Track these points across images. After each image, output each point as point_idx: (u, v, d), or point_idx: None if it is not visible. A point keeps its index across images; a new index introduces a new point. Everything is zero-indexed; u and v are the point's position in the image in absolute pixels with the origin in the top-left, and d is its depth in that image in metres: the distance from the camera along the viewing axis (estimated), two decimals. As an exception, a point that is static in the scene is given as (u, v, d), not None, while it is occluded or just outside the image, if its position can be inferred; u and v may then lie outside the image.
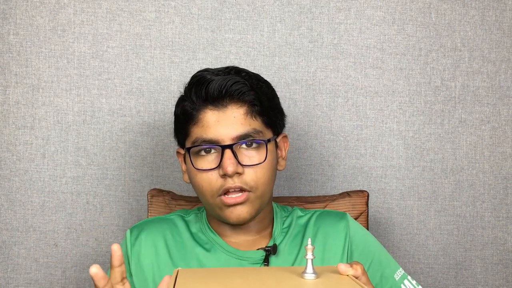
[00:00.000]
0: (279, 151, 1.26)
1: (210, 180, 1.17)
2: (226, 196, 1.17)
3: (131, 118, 1.63)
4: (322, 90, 1.66)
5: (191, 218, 1.28)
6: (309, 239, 0.91)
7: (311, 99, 1.66)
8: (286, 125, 1.31)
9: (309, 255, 0.89)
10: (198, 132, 1.19)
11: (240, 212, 1.17)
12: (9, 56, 1.60)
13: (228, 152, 1.16)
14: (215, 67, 1.26)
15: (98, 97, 1.62)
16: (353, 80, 1.67)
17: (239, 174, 1.16)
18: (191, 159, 1.19)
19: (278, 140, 1.26)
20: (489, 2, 1.69)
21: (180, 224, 1.26)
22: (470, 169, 1.69)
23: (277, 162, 1.25)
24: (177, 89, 1.62)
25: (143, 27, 1.63)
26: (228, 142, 1.17)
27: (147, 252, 1.23)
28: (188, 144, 1.21)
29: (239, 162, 1.16)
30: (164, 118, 1.62)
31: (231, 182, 1.16)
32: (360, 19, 1.67)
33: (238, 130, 1.18)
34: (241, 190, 1.17)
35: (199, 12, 1.64)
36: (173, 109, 1.29)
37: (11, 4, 1.60)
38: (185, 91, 1.24)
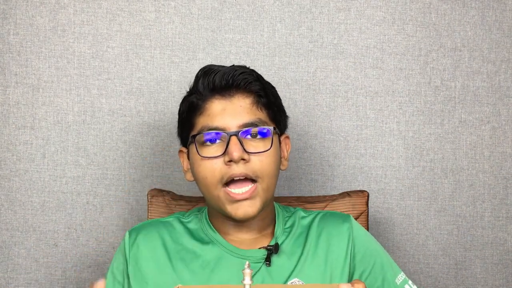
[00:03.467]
0: (281, 151, 1.26)
1: (214, 169, 1.17)
2: (232, 190, 1.17)
3: (131, 118, 1.63)
4: (322, 90, 1.66)
5: (190, 219, 1.27)
6: (247, 262, 0.85)
7: (311, 99, 1.66)
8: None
9: (247, 280, 0.83)
10: (204, 121, 1.20)
11: (248, 208, 1.17)
12: (9, 56, 1.60)
13: (234, 139, 1.16)
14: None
15: (98, 97, 1.62)
16: (353, 80, 1.67)
17: (244, 161, 1.16)
18: (197, 147, 1.19)
19: (281, 139, 1.26)
20: (489, 2, 1.69)
21: (179, 226, 1.26)
22: (470, 169, 1.69)
23: (280, 162, 1.25)
24: (177, 89, 1.62)
25: (143, 27, 1.63)
26: (234, 130, 1.17)
27: (145, 255, 1.22)
28: (193, 134, 1.21)
29: (244, 150, 1.16)
30: (164, 118, 1.62)
31: (237, 169, 1.16)
32: (360, 19, 1.67)
33: (244, 118, 1.18)
34: (246, 178, 1.17)
35: (199, 12, 1.64)
36: (173, 109, 1.30)
37: (11, 4, 1.60)
38: (191, 87, 1.25)
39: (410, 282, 1.25)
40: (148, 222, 1.29)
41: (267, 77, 1.66)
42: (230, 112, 1.19)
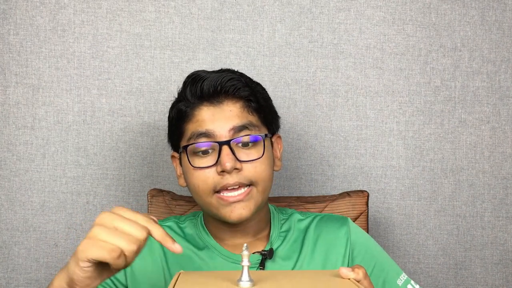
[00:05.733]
0: (274, 152, 1.25)
1: (206, 178, 1.15)
2: (225, 194, 1.15)
3: (131, 118, 1.63)
4: (322, 90, 1.66)
5: (186, 224, 1.26)
6: (245, 245, 0.88)
7: (311, 99, 1.66)
8: (285, 126, 1.31)
9: (245, 262, 0.86)
10: (193, 127, 1.18)
11: (242, 211, 1.15)
12: (9, 56, 1.60)
13: (225, 149, 1.14)
14: (214, 69, 1.26)
15: (98, 97, 1.62)
16: (353, 80, 1.67)
17: (237, 170, 1.14)
18: (188, 157, 1.17)
19: (273, 140, 1.25)
20: (489, 2, 1.69)
21: (176, 230, 1.25)
22: (470, 169, 1.69)
23: (274, 163, 1.24)
24: (177, 89, 1.61)
25: (143, 27, 1.63)
26: (224, 135, 1.15)
27: (144, 258, 1.20)
28: (183, 143, 1.20)
29: (237, 159, 1.14)
30: (164, 118, 1.62)
31: (230, 179, 1.14)
32: (360, 19, 1.67)
33: (235, 122, 1.16)
34: (240, 186, 1.15)
35: (199, 12, 1.64)
36: (173, 109, 1.29)
37: (11, 4, 1.60)
38: (179, 93, 1.24)
39: (412, 282, 1.24)
40: None
41: (267, 77, 1.66)
42: (220, 117, 1.17)
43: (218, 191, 1.16)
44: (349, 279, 0.92)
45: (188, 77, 1.22)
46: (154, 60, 1.63)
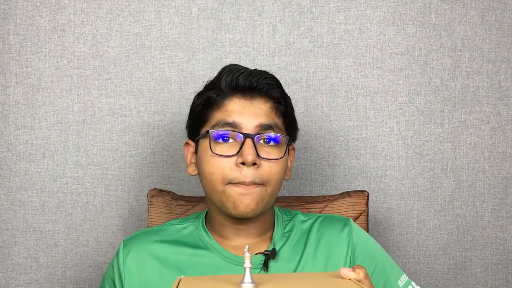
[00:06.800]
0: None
1: (224, 168, 1.16)
2: (238, 185, 1.16)
3: (131, 118, 1.63)
4: (322, 90, 1.66)
5: (186, 225, 1.26)
6: (247, 246, 0.88)
7: (311, 99, 1.66)
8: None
9: (247, 264, 0.87)
10: (220, 116, 1.19)
11: (250, 202, 1.16)
12: (9, 56, 1.60)
13: (249, 142, 1.15)
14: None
15: (98, 97, 1.62)
16: (353, 80, 1.67)
17: (255, 165, 1.15)
18: (210, 143, 1.17)
19: (289, 149, 1.25)
20: (489, 2, 1.69)
21: (174, 234, 1.24)
22: (470, 169, 1.69)
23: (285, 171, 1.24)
24: (177, 89, 1.62)
25: (143, 27, 1.63)
26: (250, 130, 1.17)
27: (140, 266, 1.20)
28: (207, 128, 1.20)
29: (258, 155, 1.15)
30: (164, 118, 1.63)
31: (247, 175, 1.14)
32: (360, 19, 1.67)
33: (262, 119, 1.18)
34: (254, 185, 1.16)
35: (199, 12, 1.64)
36: (173, 109, 1.29)
37: (11, 4, 1.60)
38: (211, 82, 1.24)
39: (413, 283, 1.24)
40: (142, 232, 1.27)
41: (267, 77, 1.65)
42: (249, 111, 1.18)
43: (231, 183, 1.16)
44: (350, 279, 0.92)
45: (224, 68, 1.24)
46: (154, 60, 1.63)
